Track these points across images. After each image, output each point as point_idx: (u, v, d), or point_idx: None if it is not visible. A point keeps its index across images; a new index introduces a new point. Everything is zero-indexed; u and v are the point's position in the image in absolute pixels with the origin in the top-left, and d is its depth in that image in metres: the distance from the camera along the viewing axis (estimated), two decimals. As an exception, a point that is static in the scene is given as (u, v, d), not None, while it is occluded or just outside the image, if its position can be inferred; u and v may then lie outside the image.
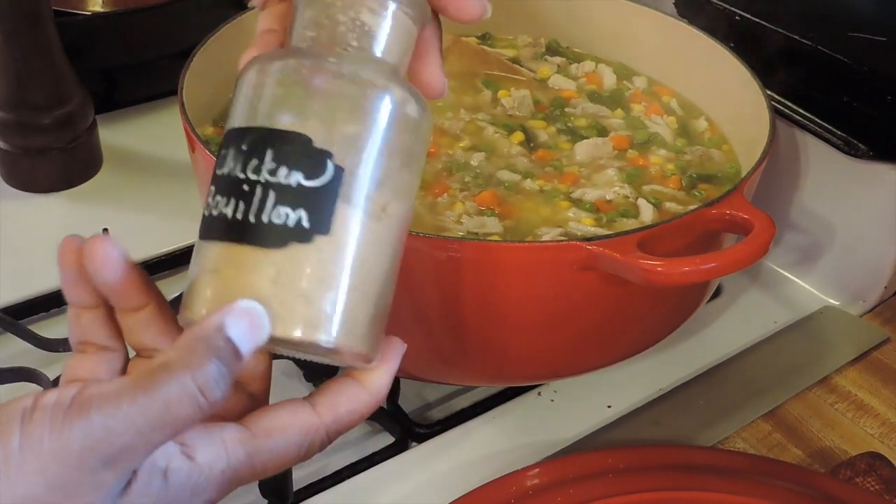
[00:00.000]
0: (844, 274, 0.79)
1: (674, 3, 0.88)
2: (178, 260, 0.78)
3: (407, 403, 0.68)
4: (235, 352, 0.37)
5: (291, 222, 0.38)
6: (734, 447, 0.66)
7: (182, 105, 0.63)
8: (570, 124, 0.75)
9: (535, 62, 0.83)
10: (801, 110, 0.78)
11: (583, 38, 0.85)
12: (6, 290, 0.74)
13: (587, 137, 0.73)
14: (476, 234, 0.63)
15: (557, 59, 0.83)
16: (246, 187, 0.39)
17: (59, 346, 0.68)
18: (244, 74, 0.42)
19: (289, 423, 0.41)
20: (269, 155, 0.39)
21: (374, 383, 0.43)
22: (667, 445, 0.65)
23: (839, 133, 0.76)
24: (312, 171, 0.39)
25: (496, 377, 0.66)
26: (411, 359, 0.62)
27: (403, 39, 0.43)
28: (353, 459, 0.64)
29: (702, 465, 0.60)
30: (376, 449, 0.65)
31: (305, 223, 0.38)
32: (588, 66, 0.82)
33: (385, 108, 0.40)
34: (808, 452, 0.66)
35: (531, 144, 0.72)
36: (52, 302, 0.74)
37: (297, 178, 0.39)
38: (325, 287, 0.39)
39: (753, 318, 0.78)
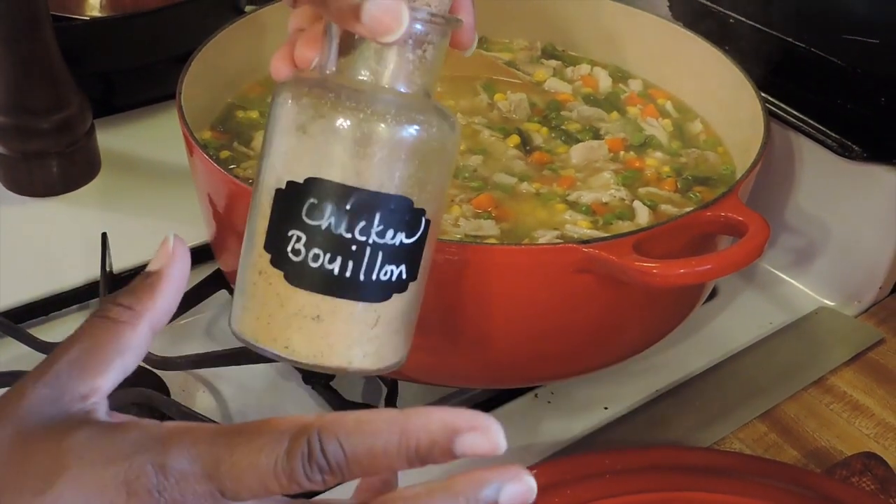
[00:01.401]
0: (839, 275, 0.80)
1: (668, 7, 0.88)
2: (177, 263, 0.78)
3: (405, 405, 0.68)
4: None
5: (394, 277, 0.42)
6: (730, 448, 0.67)
7: (180, 109, 0.64)
8: (565, 127, 0.75)
9: (531, 65, 0.83)
10: (795, 112, 0.78)
11: (578, 42, 0.85)
12: (5, 294, 0.74)
13: (583, 140, 0.73)
14: (473, 236, 0.63)
15: (553, 63, 0.84)
16: (354, 247, 0.41)
17: (59, 349, 0.68)
18: (312, 113, 0.41)
19: None
20: (377, 218, 0.41)
21: None
22: (663, 446, 0.65)
23: (833, 135, 0.76)
24: (412, 231, 0.42)
25: (493, 379, 0.66)
26: (409, 361, 0.62)
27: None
28: (352, 461, 0.64)
29: (698, 466, 0.60)
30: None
31: (404, 276, 0.42)
32: (584, 69, 0.83)
33: (454, 158, 0.44)
34: (804, 453, 0.67)
35: (527, 147, 0.72)
36: (51, 306, 0.74)
37: (400, 237, 0.41)
38: (409, 322, 0.45)
39: (749, 320, 0.78)
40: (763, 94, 0.70)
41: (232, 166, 0.68)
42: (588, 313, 0.60)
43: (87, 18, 0.93)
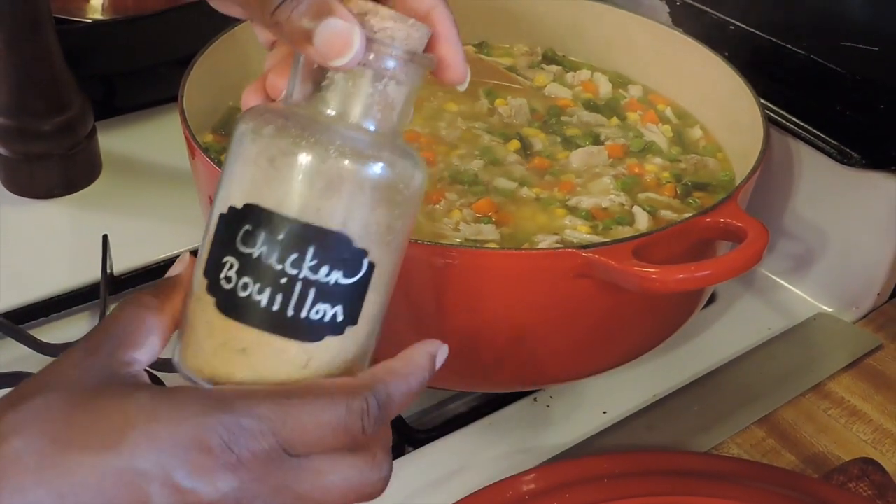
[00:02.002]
0: (838, 281, 0.80)
1: (668, 13, 0.89)
2: (177, 266, 0.78)
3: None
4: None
5: (328, 318, 0.40)
6: (728, 453, 0.67)
7: (182, 112, 0.64)
8: (566, 133, 0.75)
9: (532, 71, 0.83)
10: (794, 119, 0.78)
11: (579, 47, 0.85)
12: (6, 295, 0.74)
13: (583, 146, 0.73)
14: (473, 241, 0.63)
15: (553, 68, 0.84)
16: (284, 280, 0.39)
17: (59, 350, 0.68)
18: (262, 140, 0.40)
19: None
20: (310, 252, 0.39)
21: None
22: (661, 451, 0.66)
23: (832, 141, 0.76)
24: (350, 271, 0.40)
25: (492, 383, 0.66)
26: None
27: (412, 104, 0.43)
28: (351, 464, 0.64)
29: (696, 471, 0.60)
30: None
31: (340, 318, 0.40)
32: (584, 74, 0.83)
33: (415, 202, 0.42)
34: (802, 458, 0.67)
35: (527, 152, 0.73)
36: (51, 307, 0.74)
37: (336, 276, 0.40)
38: (347, 370, 0.42)
39: (747, 325, 0.78)
40: (762, 101, 0.70)
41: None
42: (587, 318, 0.60)
43: (90, 21, 0.93)
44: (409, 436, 0.66)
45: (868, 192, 0.75)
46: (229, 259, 0.40)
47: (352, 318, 0.41)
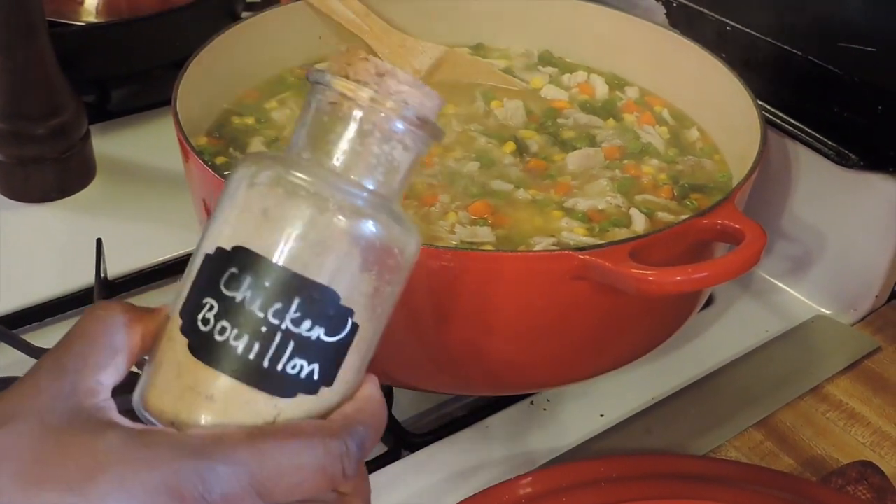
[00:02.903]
0: (836, 283, 0.80)
1: (665, 14, 0.88)
2: (172, 269, 0.78)
3: (400, 412, 0.68)
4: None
5: (304, 374, 0.38)
6: (726, 456, 0.66)
7: (176, 115, 0.64)
8: (562, 135, 0.75)
9: (528, 72, 0.83)
10: (792, 120, 0.78)
11: (575, 49, 0.85)
12: (0, 300, 0.74)
13: (579, 148, 0.73)
14: (469, 243, 0.63)
15: (550, 70, 0.84)
16: (264, 329, 0.38)
17: (53, 355, 0.68)
18: (258, 186, 0.39)
19: None
20: (295, 304, 0.38)
21: None
22: (659, 454, 0.65)
23: (830, 143, 0.76)
24: (334, 329, 0.39)
25: (489, 386, 0.66)
26: (405, 368, 0.62)
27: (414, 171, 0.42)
28: (347, 469, 0.64)
29: (694, 474, 0.60)
30: (369, 458, 0.65)
31: (316, 376, 0.39)
32: (580, 76, 0.83)
33: (406, 271, 0.41)
34: (800, 461, 0.67)
35: (523, 155, 0.72)
36: (46, 311, 0.74)
37: (318, 332, 0.38)
38: None
39: (745, 328, 0.78)
40: (760, 102, 0.70)
41: (227, 172, 0.67)
42: (584, 321, 0.60)
43: (83, 24, 0.93)
44: (405, 439, 0.66)
45: (866, 194, 0.75)
46: (210, 301, 0.38)
47: (328, 378, 0.39)
